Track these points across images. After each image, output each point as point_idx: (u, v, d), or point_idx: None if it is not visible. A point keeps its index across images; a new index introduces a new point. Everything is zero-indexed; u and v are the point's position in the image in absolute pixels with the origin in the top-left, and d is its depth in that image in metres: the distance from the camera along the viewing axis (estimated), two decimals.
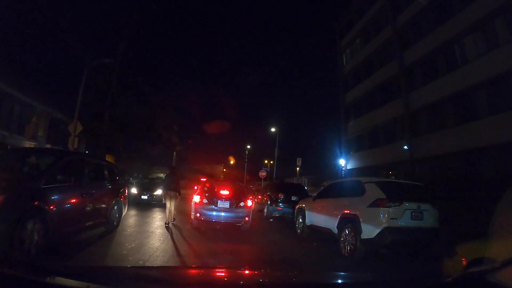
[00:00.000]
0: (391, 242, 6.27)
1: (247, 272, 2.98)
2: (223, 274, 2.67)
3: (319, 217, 8.31)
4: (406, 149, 21.26)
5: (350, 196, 7.31)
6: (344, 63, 32.34)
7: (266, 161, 47.75)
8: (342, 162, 28.20)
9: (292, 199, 13.56)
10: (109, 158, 29.80)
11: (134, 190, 15.22)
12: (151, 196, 15.29)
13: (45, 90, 28.00)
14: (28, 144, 22.17)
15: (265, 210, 14.24)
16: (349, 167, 28.59)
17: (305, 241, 8.79)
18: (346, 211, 7.07)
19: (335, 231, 7.30)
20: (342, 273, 3.80)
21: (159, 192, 14.55)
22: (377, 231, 6.23)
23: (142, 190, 15.53)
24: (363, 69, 28.64)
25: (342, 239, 6.96)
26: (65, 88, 45.71)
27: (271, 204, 13.80)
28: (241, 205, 9.25)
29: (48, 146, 23.92)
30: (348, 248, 6.70)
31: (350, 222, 6.84)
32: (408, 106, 22.13)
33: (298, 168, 56.06)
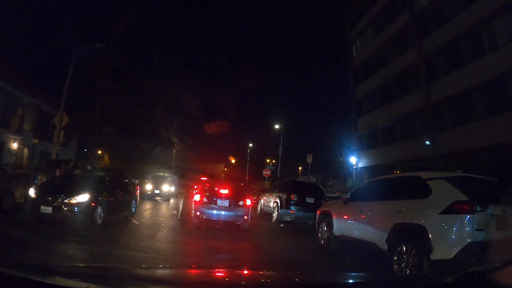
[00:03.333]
0: (476, 264, 4.31)
1: (248, 272, 2.95)
2: (224, 274, 2.65)
3: (355, 226, 6.31)
4: (428, 144, 19.28)
5: (406, 199, 5.33)
6: (355, 55, 30.39)
7: (268, 160, 46.39)
8: (353, 160, 26.19)
9: (307, 201, 11.69)
10: (105, 156, 28.03)
11: (32, 193, 7.58)
12: (53, 203, 7.10)
13: (33, 80, 26.04)
14: (13, 138, 20.23)
15: (274, 214, 12.26)
16: (360, 165, 26.56)
17: (333, 256, 6.83)
18: (402, 220, 5.08)
19: (383, 246, 5.32)
20: (343, 273, 3.73)
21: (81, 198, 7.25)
22: (458, 248, 4.28)
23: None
24: (376, 60, 26.70)
25: (395, 258, 4.98)
26: (55, 79, 43.29)
27: (281, 207, 11.83)
28: (240, 204, 9.32)
29: (35, 141, 22.02)
30: (408, 271, 4.72)
31: (410, 235, 4.87)
32: (429, 98, 20.21)
33: (300, 168, 54.35)
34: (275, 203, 12.37)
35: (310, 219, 11.58)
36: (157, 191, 17.97)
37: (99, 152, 27.49)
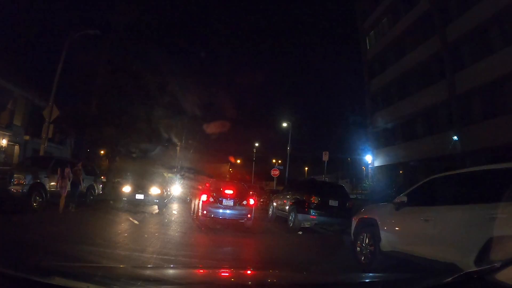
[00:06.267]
0: None
1: (253, 272, 2.93)
2: (227, 274, 2.62)
3: (417, 240, 4.57)
4: (456, 140, 17.53)
5: (504, 201, 3.62)
6: (368, 47, 28.64)
7: (274, 160, 45.22)
8: (368, 158, 24.45)
9: (330, 204, 10.01)
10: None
11: None
12: None
13: (25, 72, 24.54)
14: (2, 134, 18.75)
15: (291, 219, 10.46)
16: (376, 164, 24.79)
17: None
18: (502, 232, 3.40)
19: (468, 268, 3.62)
20: (345, 274, 3.94)
21: None
22: None
23: None
24: (392, 51, 24.98)
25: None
26: (49, 71, 41.41)
27: (299, 211, 10.06)
28: (244, 203, 9.81)
29: (27, 137, 20.54)
30: None
31: None
32: (455, 89, 18.48)
33: (306, 168, 52.55)
34: (292, 207, 10.64)
35: (334, 225, 10.02)
36: (139, 196, 12.10)
37: (102, 152, 26.07)
